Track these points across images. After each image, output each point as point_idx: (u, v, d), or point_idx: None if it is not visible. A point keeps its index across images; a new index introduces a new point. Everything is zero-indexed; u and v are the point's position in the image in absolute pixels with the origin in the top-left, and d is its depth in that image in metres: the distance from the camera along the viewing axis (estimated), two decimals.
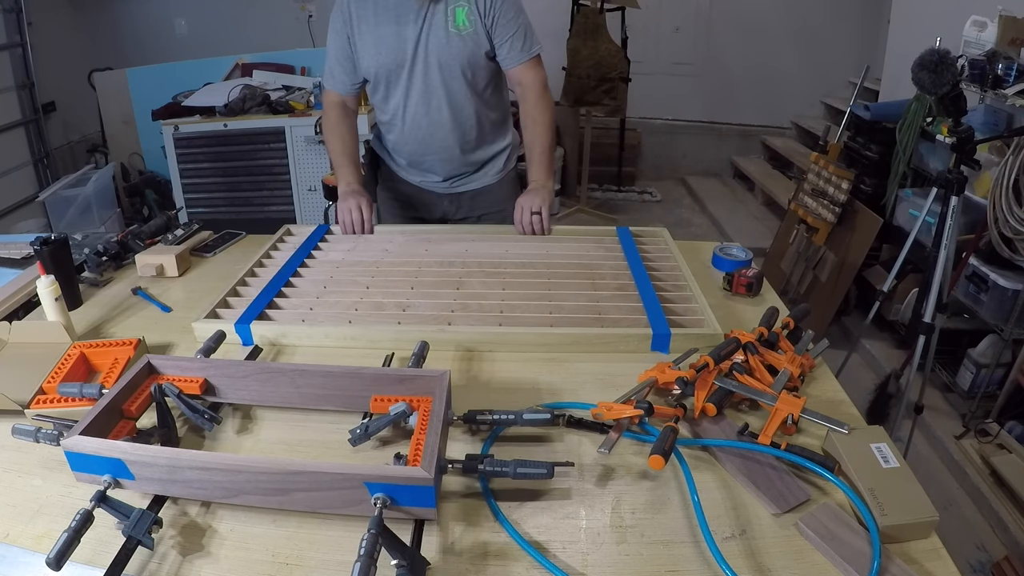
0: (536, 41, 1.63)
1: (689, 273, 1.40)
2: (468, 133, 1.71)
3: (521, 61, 1.61)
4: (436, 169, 1.78)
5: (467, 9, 1.55)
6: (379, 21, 1.58)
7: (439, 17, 1.55)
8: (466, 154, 1.75)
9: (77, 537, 0.74)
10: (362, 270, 1.46)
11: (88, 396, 0.97)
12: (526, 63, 1.62)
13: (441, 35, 1.56)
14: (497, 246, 1.57)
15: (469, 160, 1.77)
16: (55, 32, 4.36)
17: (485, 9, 1.55)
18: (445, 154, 1.74)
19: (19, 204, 3.93)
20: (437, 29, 1.56)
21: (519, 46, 1.60)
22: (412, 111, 1.67)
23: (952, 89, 1.79)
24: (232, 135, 3.44)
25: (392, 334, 1.21)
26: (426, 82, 1.62)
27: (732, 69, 5.10)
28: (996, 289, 2.31)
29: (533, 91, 1.65)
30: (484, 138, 1.75)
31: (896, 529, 0.80)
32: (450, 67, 1.59)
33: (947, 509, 2.13)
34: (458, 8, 1.55)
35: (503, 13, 1.55)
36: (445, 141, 1.71)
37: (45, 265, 1.29)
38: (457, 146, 1.72)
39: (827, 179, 3.01)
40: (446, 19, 1.55)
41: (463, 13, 1.55)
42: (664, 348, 1.19)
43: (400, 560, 0.73)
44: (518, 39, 1.59)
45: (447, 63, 1.59)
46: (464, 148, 1.74)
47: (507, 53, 1.60)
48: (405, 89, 1.64)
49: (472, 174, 1.80)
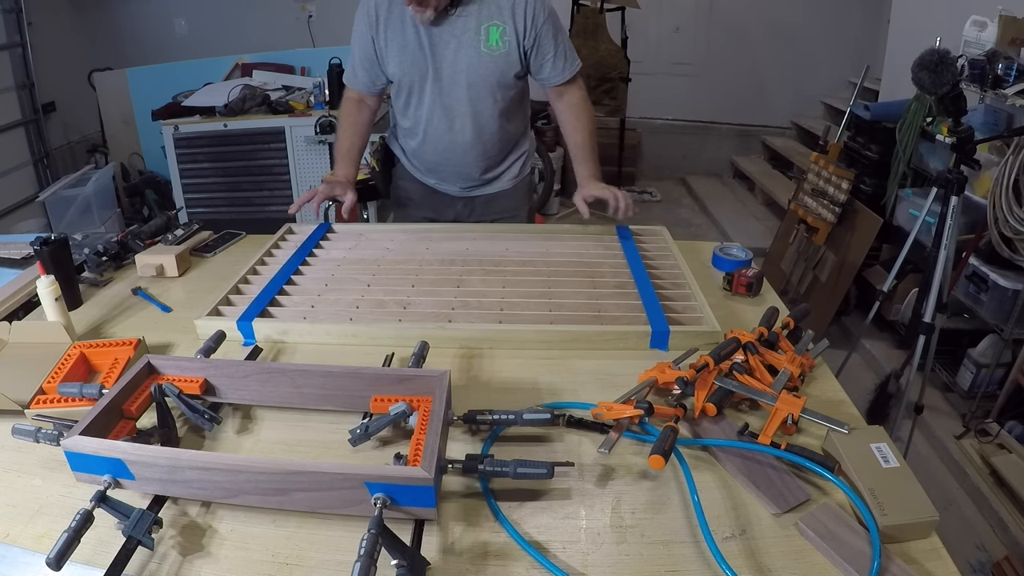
0: (575, 57, 1.61)
1: (688, 272, 1.40)
2: (490, 151, 1.70)
3: (564, 80, 1.60)
4: (452, 179, 1.77)
5: (502, 29, 1.51)
6: (406, 28, 1.54)
7: (470, 35, 1.51)
8: (485, 172, 1.75)
9: (77, 537, 0.74)
10: (363, 268, 1.46)
11: (88, 396, 0.97)
12: (570, 78, 1.61)
13: (472, 54, 1.53)
14: (497, 244, 1.57)
15: (487, 175, 1.76)
16: (55, 32, 4.36)
17: (525, 30, 1.51)
18: (464, 169, 1.73)
19: (19, 204, 3.93)
20: (467, 46, 1.52)
21: (561, 66, 1.58)
22: (435, 125, 1.64)
23: (952, 89, 1.79)
24: (232, 135, 3.44)
25: (393, 331, 1.21)
26: (451, 98, 1.59)
27: (732, 69, 5.10)
28: (996, 289, 2.31)
29: (576, 104, 1.65)
30: (504, 154, 1.75)
31: (896, 529, 0.80)
32: (478, 87, 1.57)
33: (947, 509, 2.12)
34: (492, 27, 1.50)
35: (544, 34, 1.53)
36: (465, 157, 1.69)
37: (45, 265, 1.29)
38: (476, 163, 1.71)
39: (827, 179, 3.01)
40: (478, 38, 1.51)
41: (497, 33, 1.51)
42: (663, 345, 1.19)
43: (400, 560, 0.73)
44: (560, 59, 1.57)
45: (476, 83, 1.56)
46: (484, 166, 1.73)
47: (549, 73, 1.59)
48: (428, 102, 1.61)
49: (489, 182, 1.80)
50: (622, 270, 1.43)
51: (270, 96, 3.58)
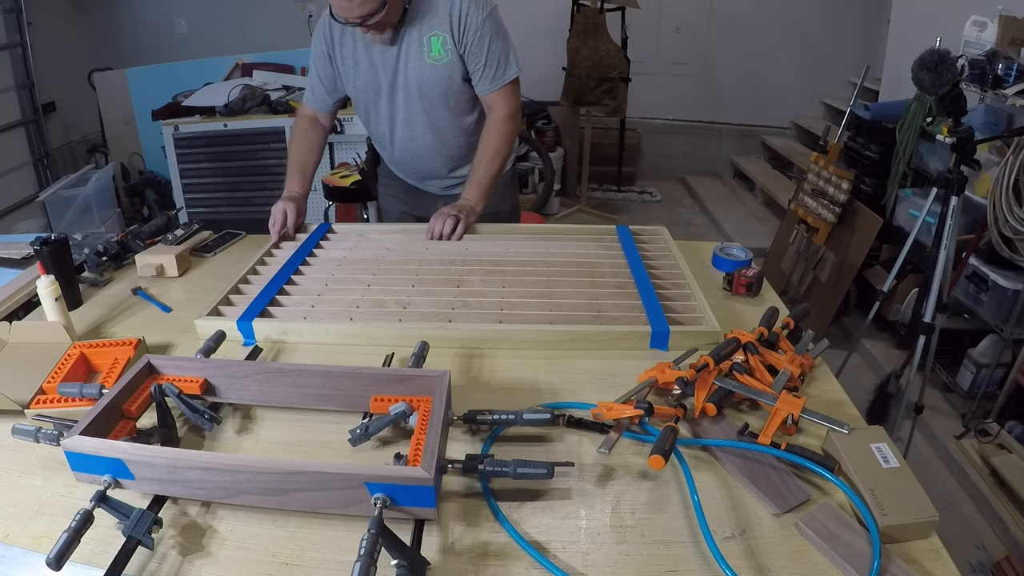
0: (512, 66, 1.59)
1: (688, 271, 1.40)
2: (455, 156, 1.73)
3: (492, 90, 1.60)
4: (428, 180, 1.82)
5: (442, 39, 1.53)
6: (357, 45, 1.58)
7: (415, 47, 1.54)
8: (456, 172, 1.77)
9: (77, 537, 0.74)
10: (363, 268, 1.46)
11: (88, 396, 0.97)
12: (497, 91, 1.60)
13: (416, 64, 1.56)
14: (497, 245, 1.58)
15: (460, 176, 1.77)
16: (55, 32, 4.36)
17: (459, 37, 1.53)
18: (435, 173, 1.78)
19: (19, 204, 3.93)
20: (413, 58, 1.55)
21: (491, 74, 1.58)
22: (399, 135, 1.68)
23: (952, 89, 1.79)
24: (232, 135, 3.44)
25: (393, 331, 1.21)
26: (408, 109, 1.63)
27: (732, 69, 5.10)
28: (996, 289, 2.31)
29: (497, 117, 1.63)
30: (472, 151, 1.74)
31: (896, 529, 0.80)
32: (430, 96, 1.60)
33: (947, 509, 2.13)
34: (433, 37, 1.53)
35: (476, 41, 1.53)
36: (432, 162, 1.74)
37: (45, 265, 1.29)
38: (445, 167, 1.75)
39: (827, 179, 3.01)
40: (421, 48, 1.54)
41: (438, 43, 1.54)
42: (663, 345, 1.19)
43: (400, 560, 0.73)
44: (491, 67, 1.57)
45: (426, 92, 1.59)
46: (453, 168, 1.76)
47: (479, 80, 1.59)
48: (388, 115, 1.66)
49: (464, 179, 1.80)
50: (622, 270, 1.43)
51: (270, 96, 3.58)
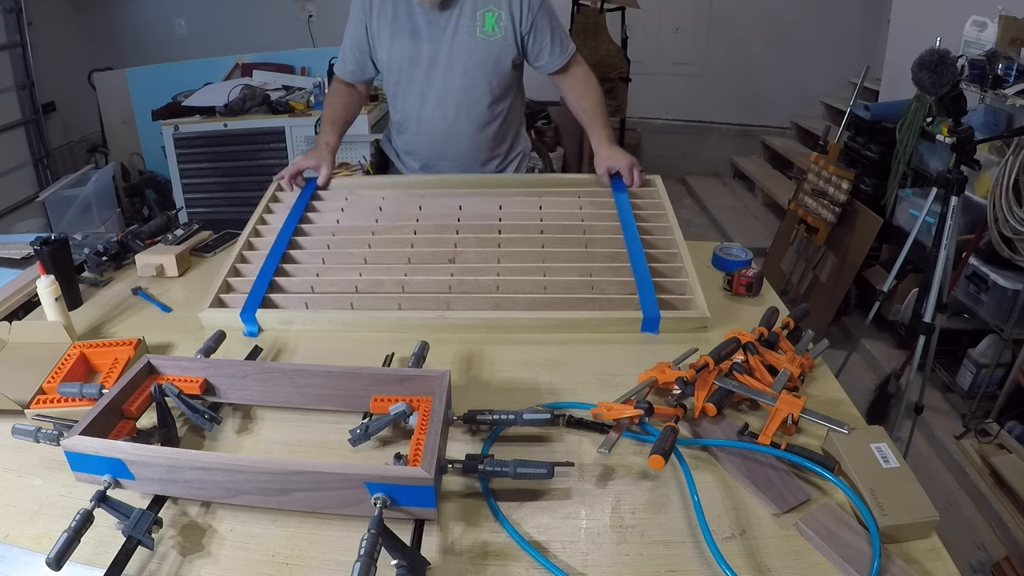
0: (570, 41, 1.63)
1: (680, 235, 1.43)
2: (485, 143, 1.69)
3: (562, 64, 1.62)
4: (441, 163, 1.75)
5: (497, 15, 1.52)
6: (398, 14, 1.54)
7: (466, 20, 1.52)
8: (482, 165, 1.74)
9: (77, 537, 0.74)
10: (357, 239, 1.46)
11: (88, 396, 0.97)
12: (569, 59, 1.63)
13: (466, 38, 1.53)
14: (490, 203, 1.55)
15: (484, 170, 1.75)
16: (55, 32, 4.36)
17: (521, 17, 1.53)
18: (459, 162, 1.72)
19: (19, 204, 3.93)
20: (463, 32, 1.53)
21: (559, 51, 1.60)
22: (428, 115, 1.64)
23: (952, 89, 1.79)
24: (232, 135, 3.44)
25: (393, 318, 1.27)
26: (445, 87, 1.59)
27: (732, 69, 5.10)
28: (996, 289, 2.31)
29: (580, 78, 1.66)
30: (502, 149, 1.74)
31: (896, 529, 0.80)
32: (473, 74, 1.57)
33: (947, 509, 2.12)
34: (488, 13, 1.52)
35: (540, 20, 1.54)
36: (460, 149, 1.68)
37: (45, 265, 1.29)
38: (473, 155, 1.70)
39: (827, 179, 3.01)
40: (474, 22, 1.52)
41: (492, 19, 1.52)
42: (654, 329, 1.25)
43: (400, 560, 0.73)
44: (556, 44, 1.59)
45: (471, 69, 1.57)
46: (481, 159, 1.72)
47: (547, 60, 1.60)
48: (421, 90, 1.61)
49: None
50: (616, 236, 1.43)
51: (270, 96, 3.58)
